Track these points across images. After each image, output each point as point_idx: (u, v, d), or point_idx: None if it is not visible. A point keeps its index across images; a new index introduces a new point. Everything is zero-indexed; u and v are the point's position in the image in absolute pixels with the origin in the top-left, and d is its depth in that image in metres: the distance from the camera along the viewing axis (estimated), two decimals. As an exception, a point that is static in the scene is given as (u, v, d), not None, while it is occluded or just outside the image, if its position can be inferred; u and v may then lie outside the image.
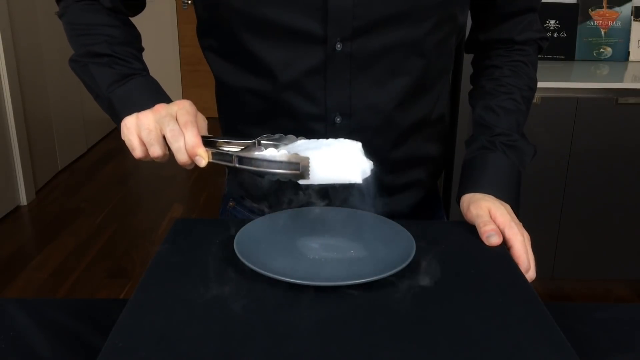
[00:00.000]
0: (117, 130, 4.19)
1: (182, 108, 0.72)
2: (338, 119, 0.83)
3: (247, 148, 0.71)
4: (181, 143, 0.70)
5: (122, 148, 0.84)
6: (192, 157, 0.70)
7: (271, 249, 0.71)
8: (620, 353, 0.73)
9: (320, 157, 0.67)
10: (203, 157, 0.70)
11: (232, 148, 0.73)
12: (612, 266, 2.36)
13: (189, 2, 4.65)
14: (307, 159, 0.67)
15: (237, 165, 0.69)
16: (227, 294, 0.64)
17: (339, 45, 0.79)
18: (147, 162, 0.79)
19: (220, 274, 0.68)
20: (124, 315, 0.60)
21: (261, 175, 0.69)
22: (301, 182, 0.68)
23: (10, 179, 3.16)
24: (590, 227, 2.30)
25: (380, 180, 0.90)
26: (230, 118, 0.94)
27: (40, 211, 3.24)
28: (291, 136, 0.75)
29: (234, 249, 0.69)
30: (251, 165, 0.68)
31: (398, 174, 0.92)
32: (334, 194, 0.90)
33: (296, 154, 0.67)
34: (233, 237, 0.72)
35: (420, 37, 0.81)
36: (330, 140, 0.72)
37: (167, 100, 0.81)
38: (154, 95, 0.81)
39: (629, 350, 0.73)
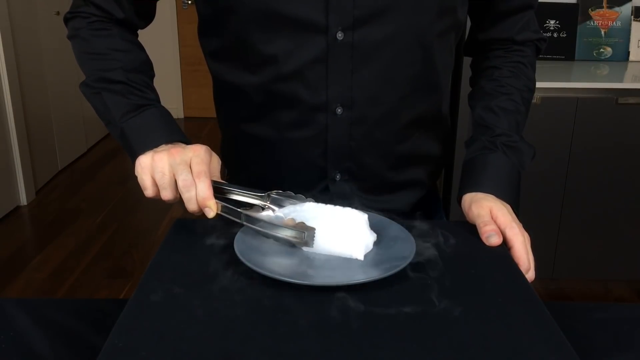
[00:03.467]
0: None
1: (197, 156, 0.75)
2: (339, 110, 0.84)
3: (254, 208, 0.74)
4: (192, 193, 0.73)
5: (122, 148, 0.84)
6: (202, 208, 0.73)
7: (271, 249, 0.71)
8: (620, 353, 0.73)
9: (325, 229, 0.69)
10: (212, 210, 0.72)
11: (242, 197, 0.76)
12: (612, 266, 2.36)
13: (189, 2, 4.65)
14: (313, 229, 0.69)
15: (244, 222, 0.72)
16: (227, 293, 0.64)
17: (340, 35, 0.79)
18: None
19: (220, 274, 0.68)
20: (124, 315, 0.60)
21: (266, 236, 0.71)
22: (303, 248, 0.71)
23: (10, 179, 3.16)
24: (590, 227, 2.30)
25: (381, 175, 0.91)
26: (229, 117, 0.94)
27: (40, 211, 3.24)
28: (300, 196, 0.77)
29: (234, 249, 0.69)
30: (258, 226, 0.71)
31: (399, 171, 0.92)
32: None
33: (303, 223, 0.69)
34: (233, 237, 0.72)
35: (421, 28, 0.81)
36: (337, 208, 0.72)
37: (180, 134, 0.82)
38: (168, 130, 0.82)
39: (628, 350, 0.73)
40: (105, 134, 4.48)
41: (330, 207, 0.74)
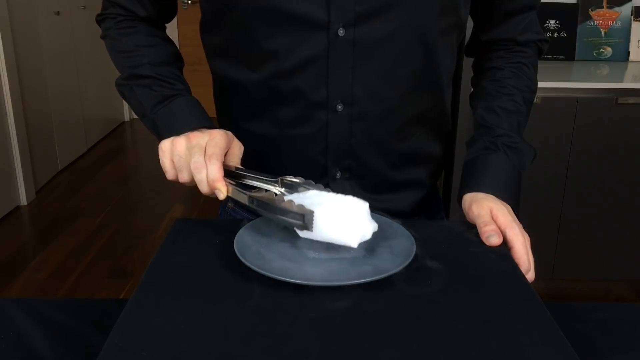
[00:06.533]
0: (117, 130, 4.20)
1: (212, 139, 0.77)
2: (339, 107, 0.84)
3: (259, 190, 0.75)
4: (203, 175, 0.74)
5: (122, 148, 0.85)
6: (212, 190, 0.75)
7: (271, 248, 0.71)
8: (620, 353, 0.73)
9: (324, 215, 0.69)
10: (222, 191, 0.74)
11: (255, 182, 0.78)
12: (612, 266, 2.36)
13: (189, 2, 4.65)
14: (312, 212, 0.69)
15: (249, 204, 0.73)
16: (226, 294, 0.64)
17: (341, 31, 0.79)
18: (147, 162, 0.80)
19: (220, 274, 0.68)
20: (124, 315, 0.60)
21: (271, 218, 0.73)
22: (301, 233, 0.71)
23: (10, 179, 3.16)
24: (590, 227, 2.30)
25: (382, 173, 0.91)
26: (229, 114, 0.94)
27: (40, 211, 3.24)
28: (310, 181, 0.78)
29: (234, 249, 0.69)
30: (262, 208, 0.72)
31: (400, 169, 0.92)
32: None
33: (302, 206, 0.69)
34: (233, 237, 0.72)
35: (423, 26, 0.81)
36: (339, 196, 0.73)
37: (206, 120, 0.84)
38: (193, 117, 0.84)
39: (628, 350, 0.73)
40: (105, 133, 4.48)
41: (332, 194, 0.75)
